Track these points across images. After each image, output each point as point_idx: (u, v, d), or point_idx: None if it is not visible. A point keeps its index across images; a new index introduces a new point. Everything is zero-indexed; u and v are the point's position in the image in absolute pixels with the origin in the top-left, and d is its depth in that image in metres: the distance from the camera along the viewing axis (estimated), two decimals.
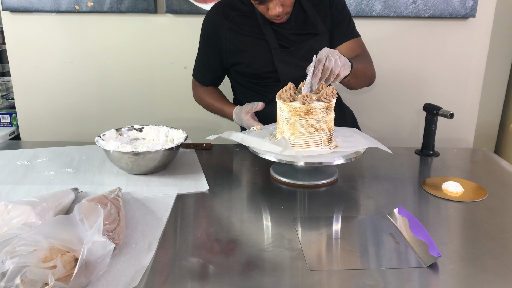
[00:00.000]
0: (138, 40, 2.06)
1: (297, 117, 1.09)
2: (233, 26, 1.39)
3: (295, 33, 1.39)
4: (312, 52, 1.32)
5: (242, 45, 1.39)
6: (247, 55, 1.40)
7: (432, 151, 1.40)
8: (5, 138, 2.11)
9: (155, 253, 0.83)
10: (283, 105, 1.11)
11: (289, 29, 1.39)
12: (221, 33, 1.39)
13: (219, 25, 1.39)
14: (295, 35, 1.39)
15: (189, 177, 1.19)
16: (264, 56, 1.38)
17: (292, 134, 1.11)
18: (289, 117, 1.10)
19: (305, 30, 1.40)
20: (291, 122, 1.10)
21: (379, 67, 2.09)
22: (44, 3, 1.98)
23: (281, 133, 1.14)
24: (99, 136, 1.25)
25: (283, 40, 1.38)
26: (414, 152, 1.43)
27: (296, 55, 1.38)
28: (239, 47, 1.39)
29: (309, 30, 1.40)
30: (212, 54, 1.44)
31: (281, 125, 1.14)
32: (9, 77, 2.26)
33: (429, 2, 1.95)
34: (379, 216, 0.99)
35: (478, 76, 2.09)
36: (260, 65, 1.39)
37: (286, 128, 1.12)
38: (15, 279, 0.66)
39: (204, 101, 1.53)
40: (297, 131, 1.10)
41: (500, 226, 0.96)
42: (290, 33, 1.39)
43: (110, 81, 2.12)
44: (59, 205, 0.96)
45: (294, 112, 1.09)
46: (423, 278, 0.77)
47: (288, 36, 1.39)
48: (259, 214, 1.03)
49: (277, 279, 0.77)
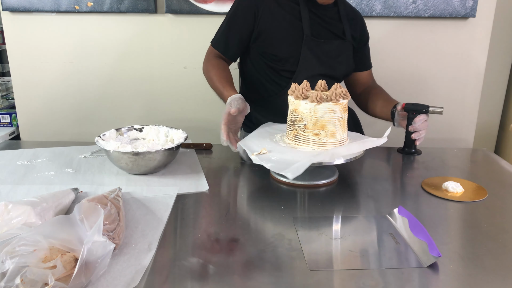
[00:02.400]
0: (138, 40, 2.07)
1: (345, 113, 1.14)
2: (273, 1, 1.42)
3: (328, 29, 1.45)
4: (338, 53, 1.46)
5: (277, 22, 1.41)
6: (278, 33, 1.41)
7: (414, 149, 1.40)
8: (5, 138, 2.11)
9: (155, 253, 0.83)
10: (335, 106, 1.11)
11: (323, 24, 1.44)
12: (260, 6, 1.41)
13: None
14: (327, 31, 1.45)
15: (189, 177, 1.19)
16: (294, 40, 1.41)
17: (343, 131, 1.15)
18: (341, 116, 1.13)
19: (336, 30, 1.46)
20: (342, 119, 1.14)
21: (379, 67, 2.09)
22: (44, 3, 1.98)
23: (331, 136, 1.12)
24: (99, 136, 1.25)
25: (315, 31, 1.43)
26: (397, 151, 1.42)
27: (323, 49, 1.43)
28: (274, 24, 1.41)
29: (338, 33, 1.47)
30: (243, 26, 1.43)
31: (333, 127, 1.12)
32: (9, 77, 2.26)
33: (429, 2, 1.95)
34: (379, 216, 0.99)
35: (478, 76, 2.09)
36: (287, 48, 1.41)
37: (339, 127, 1.13)
38: (15, 279, 0.66)
39: (210, 72, 1.46)
40: (346, 126, 1.16)
41: (500, 226, 0.96)
42: (323, 28, 1.44)
43: (110, 81, 2.12)
44: (59, 205, 0.96)
45: (345, 109, 1.14)
46: (423, 278, 0.77)
47: (320, 30, 1.44)
48: (259, 214, 1.03)
49: (277, 279, 0.76)
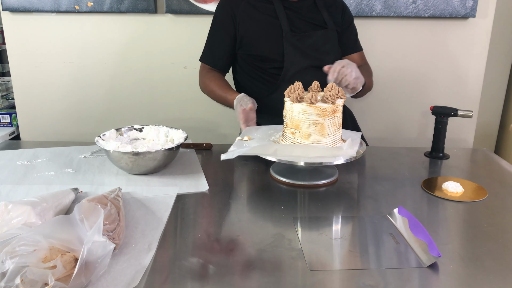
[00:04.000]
0: (138, 40, 2.06)
1: (326, 117, 1.11)
2: (248, 6, 1.45)
3: (306, 22, 1.46)
4: (322, 43, 1.46)
5: (255, 25, 1.44)
6: (258, 35, 1.44)
7: (442, 153, 1.39)
8: (5, 138, 2.11)
9: (155, 253, 0.83)
10: (309, 108, 1.10)
11: (301, 18, 1.46)
12: (236, 12, 1.45)
13: (235, 5, 1.45)
14: (306, 23, 1.46)
15: (189, 177, 1.19)
16: (275, 38, 1.43)
17: (321, 135, 1.12)
18: (317, 119, 1.11)
19: (315, 21, 1.47)
20: (319, 123, 1.11)
21: (379, 67, 2.09)
22: (44, 3, 1.98)
23: (305, 137, 1.12)
24: (99, 136, 1.25)
25: (294, 26, 1.44)
26: (424, 155, 1.40)
27: (306, 42, 1.44)
28: (252, 27, 1.44)
29: (319, 23, 1.48)
30: (225, 35, 1.47)
31: (307, 129, 1.12)
32: (9, 77, 2.26)
33: (429, 2, 1.95)
34: (379, 216, 0.99)
35: (478, 76, 2.09)
36: (269, 47, 1.43)
37: (314, 130, 1.11)
38: (15, 279, 0.66)
39: (208, 86, 1.49)
40: (326, 131, 1.12)
41: (500, 226, 0.96)
42: (301, 21, 1.46)
43: (110, 81, 2.12)
44: (59, 205, 0.96)
45: (323, 113, 1.10)
46: (423, 278, 0.77)
47: (299, 24, 1.45)
48: (259, 214, 1.03)
49: (277, 279, 0.77)
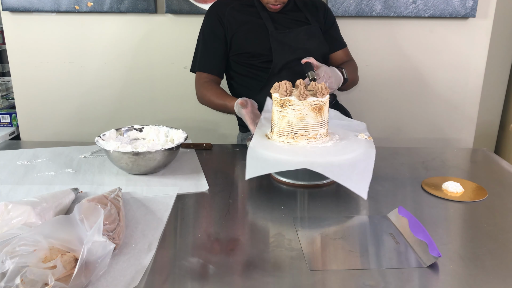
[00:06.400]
0: (138, 40, 2.06)
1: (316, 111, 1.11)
2: (233, 11, 1.54)
3: (290, 19, 1.55)
4: (308, 37, 1.53)
5: (242, 26, 1.52)
6: (246, 34, 1.51)
7: None
8: (5, 138, 2.11)
9: (155, 253, 0.83)
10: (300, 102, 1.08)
11: (284, 17, 1.54)
12: (223, 18, 1.53)
13: (221, 11, 1.53)
14: (290, 21, 1.54)
15: (189, 177, 1.19)
16: (261, 36, 1.51)
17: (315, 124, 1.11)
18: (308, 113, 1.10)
19: (299, 19, 1.56)
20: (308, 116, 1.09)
21: (379, 67, 2.09)
22: (44, 3, 1.98)
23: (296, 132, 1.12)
24: (99, 136, 1.25)
25: (278, 24, 1.52)
26: None
27: (291, 37, 1.51)
28: (239, 28, 1.52)
29: (303, 20, 1.56)
30: (218, 40, 1.54)
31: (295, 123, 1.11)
32: (9, 77, 2.26)
33: (429, 2, 1.95)
34: (379, 216, 0.99)
35: (478, 76, 2.09)
36: (257, 44, 1.51)
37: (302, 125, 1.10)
38: (15, 279, 0.66)
39: (206, 96, 1.51)
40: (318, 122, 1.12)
41: (500, 226, 0.96)
42: (285, 20, 1.54)
43: (110, 81, 2.12)
44: (59, 205, 0.96)
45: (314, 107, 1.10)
46: (423, 278, 0.77)
47: (283, 23, 1.53)
48: (259, 214, 1.03)
49: (277, 279, 0.77)
